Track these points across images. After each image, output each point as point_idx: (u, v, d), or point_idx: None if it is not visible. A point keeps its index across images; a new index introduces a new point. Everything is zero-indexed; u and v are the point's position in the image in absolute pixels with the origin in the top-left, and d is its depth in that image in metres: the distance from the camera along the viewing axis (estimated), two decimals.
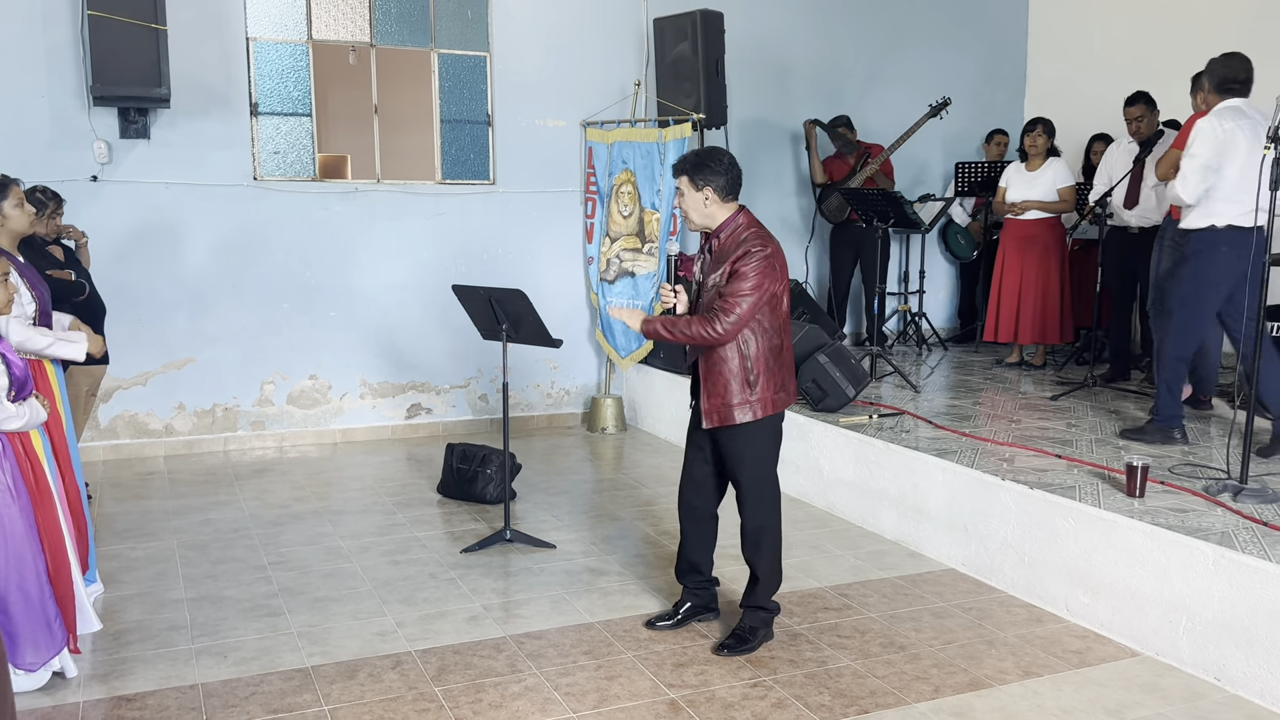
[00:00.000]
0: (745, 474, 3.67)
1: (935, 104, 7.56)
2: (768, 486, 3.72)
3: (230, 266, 6.64)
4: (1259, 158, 4.26)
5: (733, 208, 3.62)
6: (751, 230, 3.57)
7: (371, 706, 3.30)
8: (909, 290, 8.52)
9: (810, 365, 5.73)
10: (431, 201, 7.10)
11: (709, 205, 3.59)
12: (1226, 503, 3.98)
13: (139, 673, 3.53)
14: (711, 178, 3.57)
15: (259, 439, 6.80)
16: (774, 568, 3.76)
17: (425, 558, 4.68)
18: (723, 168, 3.58)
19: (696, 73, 6.78)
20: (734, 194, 3.62)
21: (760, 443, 3.66)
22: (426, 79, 7.11)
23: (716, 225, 3.62)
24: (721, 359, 3.55)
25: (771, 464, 3.73)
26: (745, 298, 3.46)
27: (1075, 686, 3.47)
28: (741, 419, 3.57)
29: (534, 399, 7.52)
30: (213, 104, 6.49)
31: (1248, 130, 4.64)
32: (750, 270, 3.47)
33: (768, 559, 3.74)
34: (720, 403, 3.57)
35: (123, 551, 4.75)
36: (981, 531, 4.43)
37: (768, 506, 3.72)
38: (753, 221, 3.61)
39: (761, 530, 3.72)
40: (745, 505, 3.71)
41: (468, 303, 4.84)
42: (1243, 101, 4.75)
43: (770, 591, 3.78)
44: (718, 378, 3.57)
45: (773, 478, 3.74)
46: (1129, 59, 8.01)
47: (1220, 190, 4.67)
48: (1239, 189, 4.60)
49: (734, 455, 3.66)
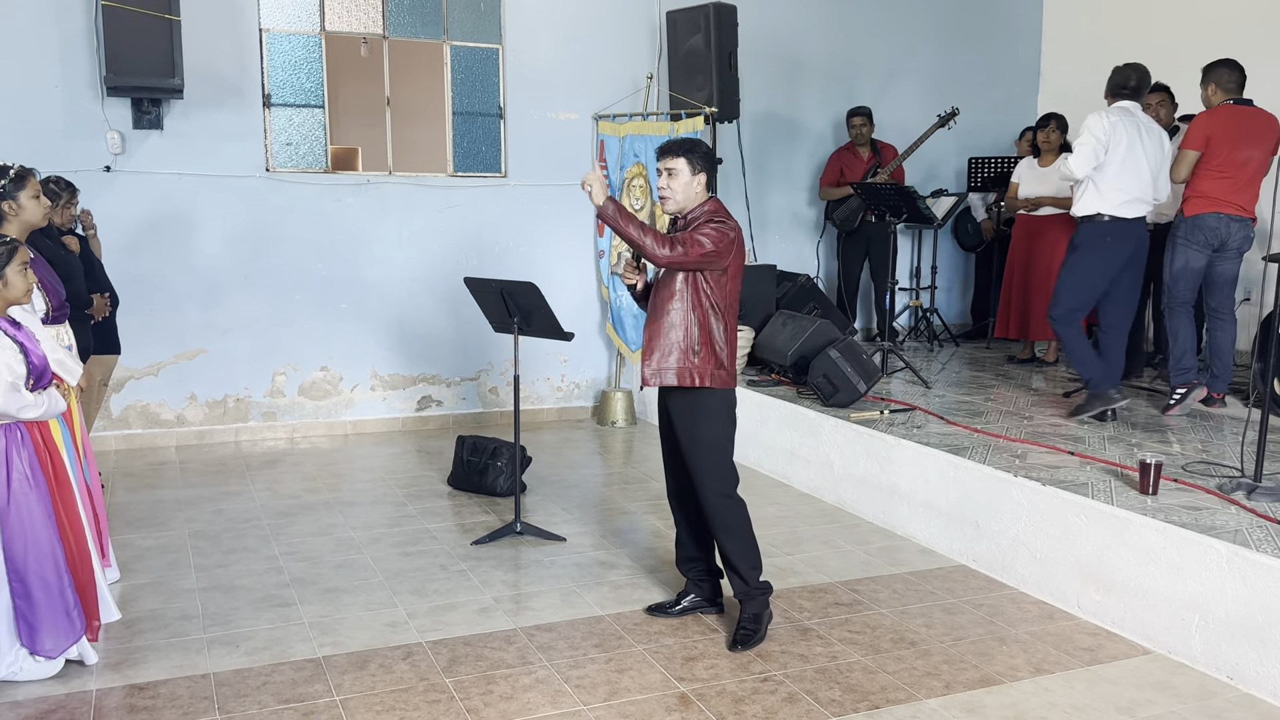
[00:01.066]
0: (694, 453, 3.67)
1: (944, 114, 7.54)
2: (721, 469, 3.70)
3: (242, 258, 6.65)
4: (1137, 155, 5.27)
5: (706, 197, 3.71)
6: (717, 212, 3.65)
7: (383, 697, 3.31)
8: (920, 286, 8.49)
9: (822, 360, 5.72)
10: (443, 194, 7.10)
11: (697, 190, 3.66)
12: (1240, 501, 3.96)
13: (151, 661, 3.54)
14: (705, 165, 3.65)
15: (270, 430, 6.82)
16: (745, 548, 3.75)
17: (436, 549, 4.69)
18: (711, 161, 3.69)
19: (709, 66, 6.76)
20: (711, 188, 3.72)
21: (712, 421, 3.66)
22: (439, 71, 7.10)
23: (689, 212, 3.67)
24: (670, 324, 3.61)
25: (723, 446, 3.71)
26: (700, 243, 3.53)
27: (1087, 684, 3.46)
28: (676, 381, 3.61)
29: (544, 392, 7.52)
30: (225, 95, 6.50)
31: (1130, 128, 5.29)
32: (711, 230, 3.55)
33: (736, 541, 3.73)
34: (659, 365, 3.63)
35: (135, 541, 4.77)
36: (993, 528, 4.42)
37: (724, 489, 3.70)
38: (721, 209, 3.67)
39: (721, 512, 3.70)
40: (699, 488, 3.70)
41: (479, 295, 4.84)
42: (1132, 104, 5.41)
43: (754, 574, 3.76)
44: (662, 340, 3.62)
45: (725, 460, 3.71)
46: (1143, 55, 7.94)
47: (1103, 179, 5.28)
48: (1120, 178, 5.27)
49: (686, 432, 3.68)
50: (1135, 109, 5.42)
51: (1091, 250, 5.39)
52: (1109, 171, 5.29)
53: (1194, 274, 5.57)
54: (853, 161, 7.87)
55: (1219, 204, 5.44)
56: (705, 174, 3.65)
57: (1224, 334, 5.68)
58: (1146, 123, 5.43)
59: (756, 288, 7.00)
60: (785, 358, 6.24)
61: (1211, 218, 5.46)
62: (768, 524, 5.11)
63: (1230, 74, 5.49)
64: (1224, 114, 5.47)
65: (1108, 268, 5.39)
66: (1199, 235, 5.49)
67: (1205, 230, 5.47)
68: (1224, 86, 5.50)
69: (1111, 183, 5.29)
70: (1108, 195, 5.32)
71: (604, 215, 3.55)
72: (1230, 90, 5.49)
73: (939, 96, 8.51)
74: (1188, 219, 5.52)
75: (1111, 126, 5.27)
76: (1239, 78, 5.50)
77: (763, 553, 4.64)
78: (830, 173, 7.97)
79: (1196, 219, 5.49)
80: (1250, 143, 5.42)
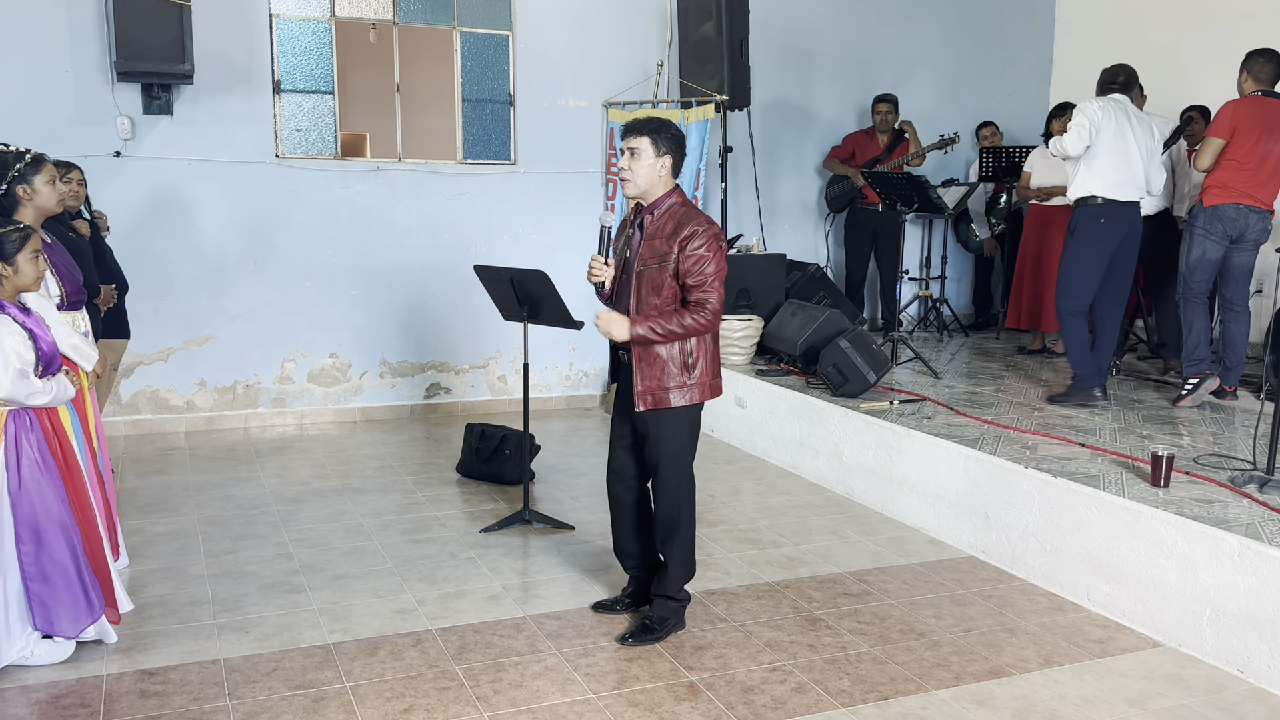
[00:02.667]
0: (665, 461, 3.56)
1: (945, 137, 7.53)
2: (685, 477, 3.62)
3: (252, 244, 6.65)
4: (1127, 140, 5.42)
5: (672, 185, 3.52)
6: (687, 209, 3.48)
7: (392, 684, 3.32)
8: (929, 276, 8.46)
9: (831, 350, 5.70)
10: (452, 181, 7.08)
11: (661, 174, 3.46)
12: (1253, 494, 3.94)
13: (162, 647, 3.56)
14: (672, 148, 3.46)
15: (279, 416, 6.83)
16: (686, 557, 3.67)
17: (445, 537, 4.70)
18: (680, 145, 3.49)
19: (720, 54, 6.73)
20: (677, 175, 3.53)
21: (684, 431, 3.56)
22: (448, 57, 7.08)
23: (653, 200, 3.50)
24: None
25: (690, 455, 3.63)
26: (716, 278, 3.40)
27: (1097, 676, 3.45)
28: (676, 403, 3.47)
29: (553, 380, 7.52)
30: (235, 81, 6.49)
31: (1119, 114, 5.45)
32: (705, 249, 3.37)
33: (680, 549, 3.64)
34: (656, 385, 3.46)
35: (145, 526, 4.78)
36: (1003, 519, 4.41)
37: (684, 497, 3.63)
38: (686, 201, 3.52)
39: (676, 521, 3.62)
40: (661, 494, 3.61)
41: (489, 283, 4.83)
42: (1122, 97, 5.57)
43: (680, 581, 3.69)
44: (655, 359, 3.45)
45: (689, 469, 3.64)
46: (1156, 43, 7.90)
47: (1094, 162, 5.41)
48: (1110, 160, 5.41)
49: (656, 441, 3.55)
50: (1125, 101, 5.55)
51: (1087, 233, 5.48)
52: (1099, 154, 5.41)
53: (1210, 265, 5.55)
54: (867, 145, 7.84)
55: (1239, 195, 5.41)
56: (671, 158, 3.44)
57: (1238, 326, 5.65)
58: (1137, 113, 5.54)
59: (766, 277, 6.99)
60: (795, 347, 6.23)
61: (1231, 208, 5.43)
62: (776, 514, 5.11)
63: (1266, 64, 5.44)
64: (1251, 105, 5.43)
65: (1104, 251, 5.47)
66: (1218, 226, 5.46)
67: (1224, 221, 5.45)
68: (1257, 76, 5.46)
69: (1102, 165, 5.40)
70: (1099, 176, 5.43)
71: (640, 341, 3.41)
72: (1263, 81, 5.45)
73: (951, 86, 8.47)
74: (1207, 209, 5.49)
75: (1101, 109, 5.42)
76: (1273, 70, 5.44)
77: (771, 543, 4.68)
78: (843, 149, 7.94)
79: (1216, 209, 5.46)
80: (1274, 135, 5.38)
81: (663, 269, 3.42)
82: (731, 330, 6.57)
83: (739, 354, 6.63)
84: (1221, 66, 7.21)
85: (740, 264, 6.91)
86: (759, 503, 5.29)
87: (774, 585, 4.19)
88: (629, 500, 3.77)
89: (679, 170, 3.52)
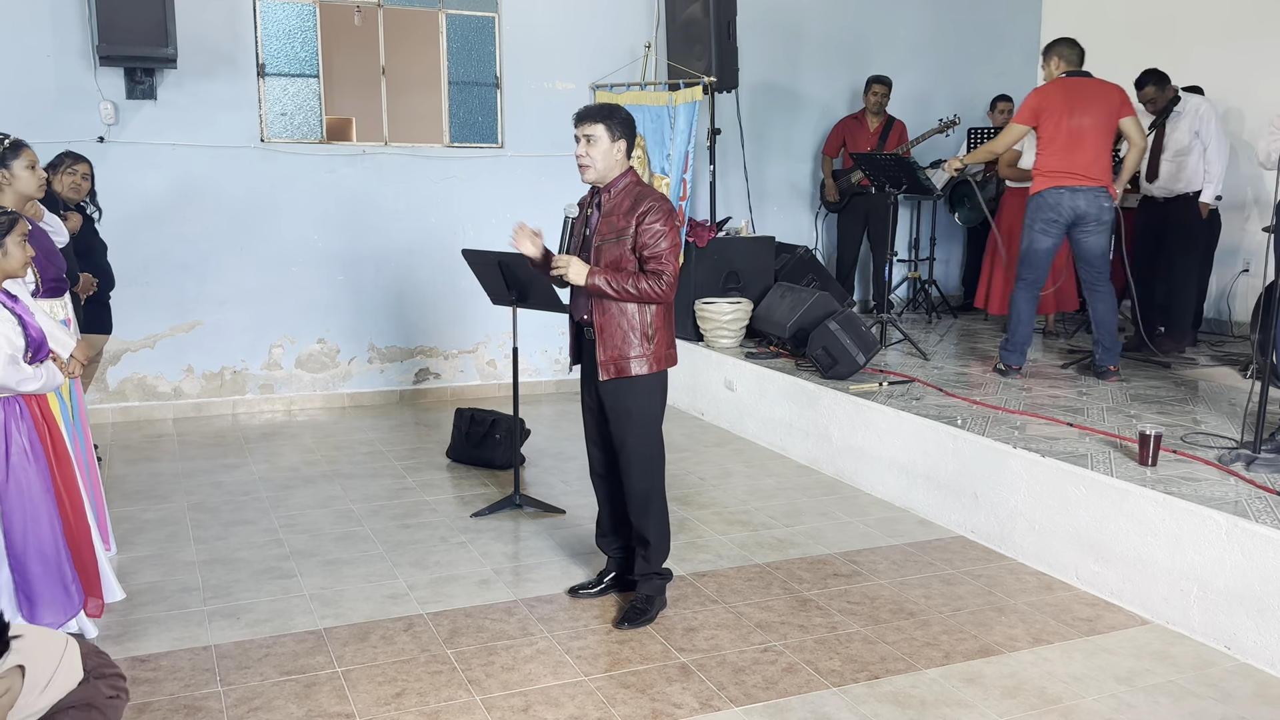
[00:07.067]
0: (632, 433, 3.61)
1: (945, 120, 7.52)
2: (655, 446, 3.68)
3: (238, 229, 6.61)
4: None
5: (626, 167, 3.63)
6: (642, 187, 3.58)
7: (384, 668, 3.32)
8: (919, 258, 8.47)
9: (820, 332, 5.71)
10: (439, 165, 7.05)
11: (617, 157, 3.57)
12: (1240, 472, 3.97)
13: (152, 634, 3.55)
14: (626, 133, 3.57)
15: (267, 402, 6.81)
16: (663, 531, 3.72)
17: (435, 521, 4.69)
18: (631, 129, 3.59)
19: (708, 35, 6.70)
20: (629, 156, 3.63)
21: (649, 400, 3.62)
22: (434, 40, 7.03)
23: (609, 181, 3.60)
24: (621, 310, 3.53)
25: (658, 424, 3.69)
26: (671, 252, 3.50)
27: (1085, 654, 3.48)
28: (637, 371, 3.55)
29: (542, 365, 7.51)
30: (219, 65, 6.44)
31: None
32: (661, 224, 3.48)
33: (656, 523, 3.69)
34: (617, 354, 3.54)
35: (134, 514, 4.76)
36: (992, 499, 4.42)
37: (654, 468, 3.68)
38: (640, 181, 3.62)
39: (649, 493, 3.66)
40: (632, 467, 3.64)
41: (477, 268, 4.81)
42: None
43: (661, 557, 3.74)
44: (615, 329, 3.54)
45: (658, 438, 3.70)
46: (1145, 22, 7.90)
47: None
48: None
49: (623, 412, 3.61)
50: None
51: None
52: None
53: (1040, 254, 5.54)
54: (857, 130, 7.83)
55: (1056, 177, 5.42)
56: (625, 141, 3.55)
57: (1104, 305, 5.62)
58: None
59: (755, 259, 6.98)
60: (784, 330, 6.23)
61: (1050, 194, 5.43)
62: (766, 496, 5.12)
63: (1072, 49, 5.52)
64: (1055, 86, 5.49)
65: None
66: (1042, 213, 5.47)
67: (1046, 208, 5.46)
68: (1066, 58, 5.52)
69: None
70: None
71: (596, 291, 3.49)
72: (1072, 63, 5.51)
73: (939, 66, 8.46)
74: (1030, 198, 5.55)
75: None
76: (1080, 52, 5.52)
77: (761, 524, 4.69)
78: (833, 140, 7.93)
79: (1036, 197, 5.51)
80: (1083, 109, 5.38)
81: (620, 243, 3.53)
82: (721, 313, 6.57)
83: (728, 336, 6.62)
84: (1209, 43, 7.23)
85: (729, 247, 6.91)
86: (749, 485, 5.31)
87: (764, 567, 4.20)
88: (613, 477, 3.79)
89: (630, 152, 3.63)
